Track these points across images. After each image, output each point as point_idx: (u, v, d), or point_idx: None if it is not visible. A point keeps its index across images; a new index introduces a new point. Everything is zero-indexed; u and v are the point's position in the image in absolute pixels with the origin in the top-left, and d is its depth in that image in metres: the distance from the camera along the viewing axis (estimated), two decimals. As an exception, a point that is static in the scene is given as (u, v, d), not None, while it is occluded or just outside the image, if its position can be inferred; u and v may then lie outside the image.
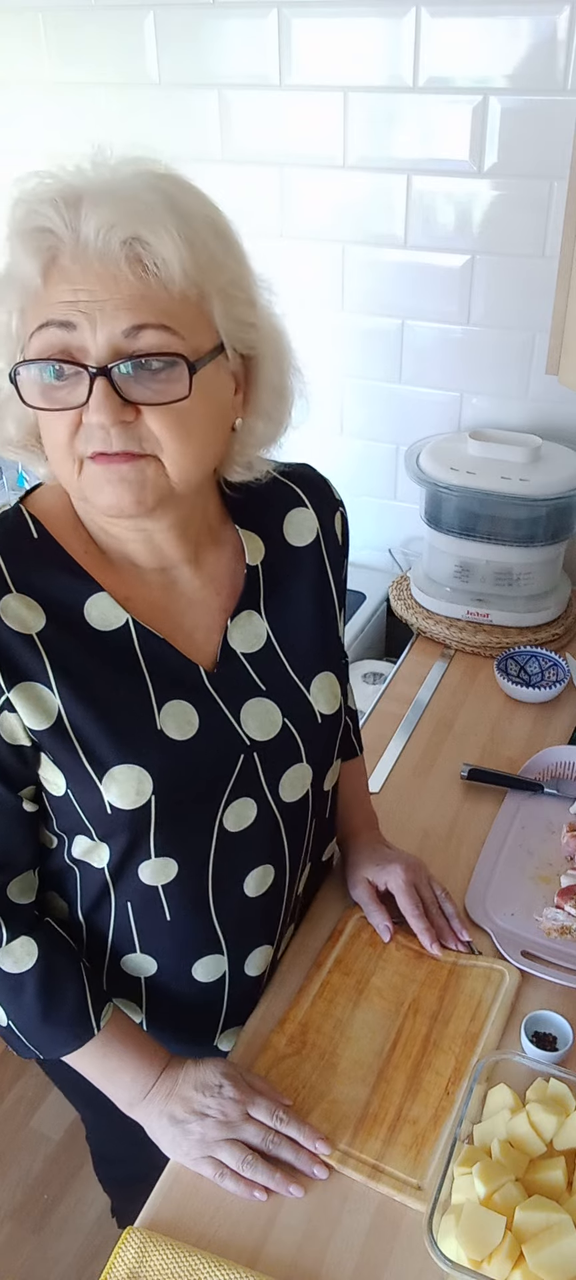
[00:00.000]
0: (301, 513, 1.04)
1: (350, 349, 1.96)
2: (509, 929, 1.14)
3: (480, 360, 1.86)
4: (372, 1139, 0.92)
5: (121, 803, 0.87)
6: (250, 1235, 0.86)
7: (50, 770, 0.88)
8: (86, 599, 0.88)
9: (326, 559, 1.04)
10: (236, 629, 0.96)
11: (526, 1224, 0.78)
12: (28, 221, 0.79)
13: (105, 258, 0.77)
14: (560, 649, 1.73)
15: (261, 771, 0.96)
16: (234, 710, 0.94)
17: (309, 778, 1.00)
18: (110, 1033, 0.94)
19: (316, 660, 1.01)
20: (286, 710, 0.97)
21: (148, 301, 0.78)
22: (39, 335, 0.79)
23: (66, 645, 0.86)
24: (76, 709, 0.86)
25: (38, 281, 0.79)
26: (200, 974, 1.00)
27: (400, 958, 1.10)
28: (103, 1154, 1.38)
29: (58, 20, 1.92)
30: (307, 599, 1.02)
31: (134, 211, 0.77)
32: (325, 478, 1.09)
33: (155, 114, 1.92)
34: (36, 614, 0.85)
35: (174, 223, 0.78)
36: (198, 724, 0.91)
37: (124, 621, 0.89)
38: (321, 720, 1.00)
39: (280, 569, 1.01)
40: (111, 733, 0.87)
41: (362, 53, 1.71)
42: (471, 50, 1.64)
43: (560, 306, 1.45)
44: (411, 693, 1.64)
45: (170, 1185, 0.90)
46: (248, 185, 1.89)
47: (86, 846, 0.92)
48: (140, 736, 0.88)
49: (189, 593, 0.95)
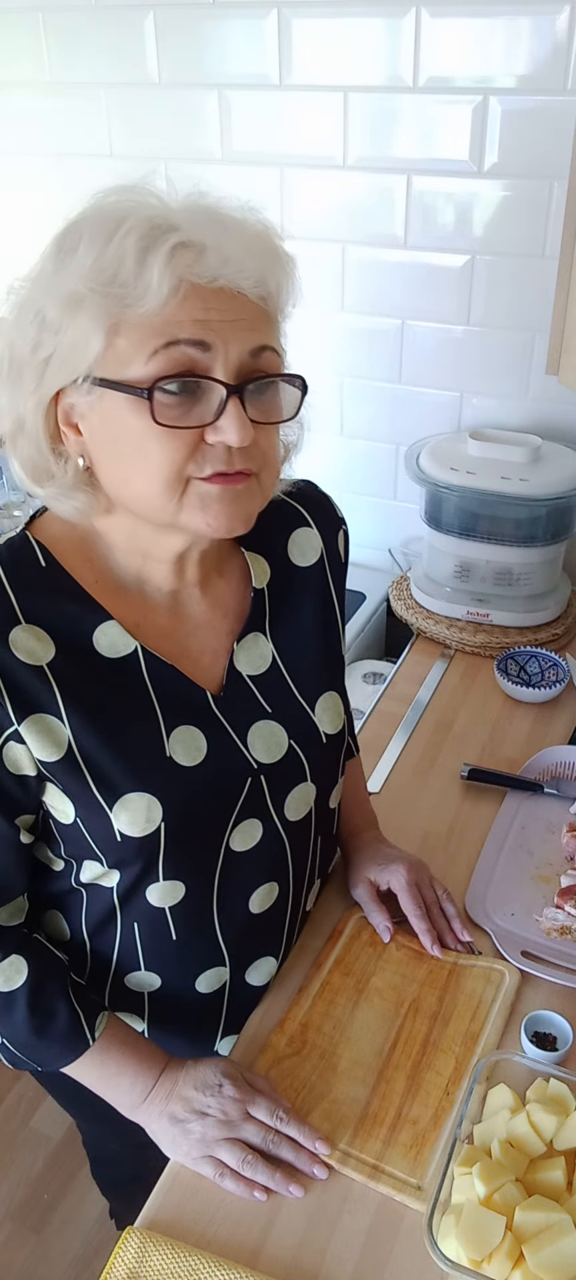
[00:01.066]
0: (306, 533, 1.04)
1: (350, 349, 1.96)
2: (509, 929, 1.14)
3: (480, 360, 1.86)
4: (372, 1139, 0.92)
5: (131, 830, 0.87)
6: (250, 1235, 0.85)
7: (59, 799, 0.87)
8: (95, 628, 0.88)
9: (330, 578, 1.05)
10: (242, 652, 0.97)
11: (526, 1224, 0.78)
12: (173, 235, 0.76)
13: (241, 278, 0.78)
14: (560, 649, 1.73)
15: (268, 793, 0.96)
16: (241, 734, 0.94)
17: (313, 795, 1.00)
18: (107, 1041, 0.94)
19: (321, 680, 1.01)
20: (292, 732, 0.97)
21: (266, 323, 0.82)
22: (165, 354, 0.77)
23: (76, 675, 0.86)
24: (87, 738, 0.85)
25: (167, 298, 0.76)
26: (203, 986, 1.01)
27: (400, 958, 1.10)
28: (99, 1158, 1.38)
29: (58, 20, 1.92)
30: (312, 619, 1.02)
31: (263, 240, 0.83)
32: (328, 495, 1.09)
33: (155, 114, 1.92)
34: (46, 644, 0.85)
35: (282, 254, 0.84)
36: (206, 749, 0.91)
37: (132, 649, 0.89)
38: (326, 740, 1.00)
39: (285, 590, 1.01)
40: (122, 761, 0.86)
41: (362, 53, 1.71)
42: (471, 50, 1.64)
43: (560, 306, 1.45)
44: (411, 693, 1.64)
45: (170, 1185, 0.90)
46: (248, 185, 1.88)
47: (97, 872, 0.92)
48: (150, 764, 0.88)
49: (196, 616, 0.95)
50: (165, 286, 0.75)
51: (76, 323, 0.77)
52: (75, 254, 0.78)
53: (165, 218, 0.77)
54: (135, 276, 0.75)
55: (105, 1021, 0.95)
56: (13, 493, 2.30)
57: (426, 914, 1.11)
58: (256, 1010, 1.05)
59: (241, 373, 0.80)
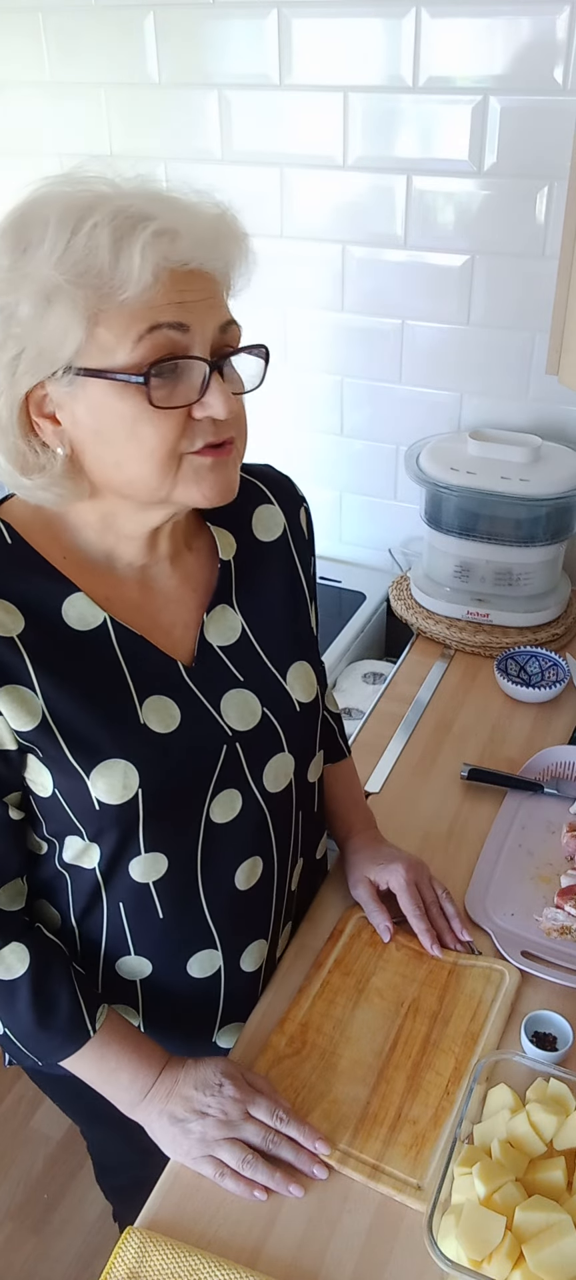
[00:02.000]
0: (268, 509, 1.06)
1: (350, 349, 1.96)
2: (509, 929, 1.14)
3: (480, 360, 1.86)
4: (372, 1139, 0.92)
5: (109, 798, 0.88)
6: (250, 1235, 0.86)
7: (37, 772, 0.88)
8: (63, 600, 0.89)
9: (294, 553, 1.07)
10: (212, 623, 0.98)
11: (526, 1224, 0.78)
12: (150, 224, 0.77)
13: (209, 258, 0.81)
14: (560, 649, 1.73)
15: (245, 762, 0.97)
16: (213, 702, 0.95)
17: (291, 767, 1.02)
18: (107, 1035, 0.94)
19: (290, 650, 1.03)
20: (265, 700, 0.99)
21: (225, 299, 0.86)
22: (149, 338, 0.79)
23: (46, 646, 0.87)
24: (60, 707, 0.86)
25: (148, 284, 0.77)
26: (195, 970, 1.00)
27: (400, 958, 1.10)
28: (104, 1164, 1.38)
29: (58, 20, 1.92)
30: (278, 591, 1.04)
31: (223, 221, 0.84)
32: (288, 475, 1.11)
33: (155, 114, 1.92)
34: (15, 617, 0.86)
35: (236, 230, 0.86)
36: (179, 717, 0.92)
37: (102, 620, 0.90)
38: (299, 708, 1.01)
39: (251, 563, 1.03)
40: (95, 728, 0.88)
41: (362, 53, 1.71)
42: (471, 50, 1.64)
43: (560, 306, 1.45)
44: (411, 693, 1.64)
45: (170, 1185, 0.90)
46: (248, 185, 1.89)
47: (78, 849, 0.92)
48: (124, 731, 0.89)
49: (166, 591, 0.96)
50: (147, 273, 0.77)
51: (52, 316, 0.78)
52: (41, 246, 0.77)
53: (132, 206, 0.79)
54: (112, 266, 0.77)
55: (105, 1014, 0.95)
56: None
57: (425, 914, 1.12)
58: (256, 1010, 1.05)
59: (215, 348, 0.84)
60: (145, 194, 0.82)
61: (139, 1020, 1.03)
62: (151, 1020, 1.03)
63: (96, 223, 0.77)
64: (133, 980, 1.01)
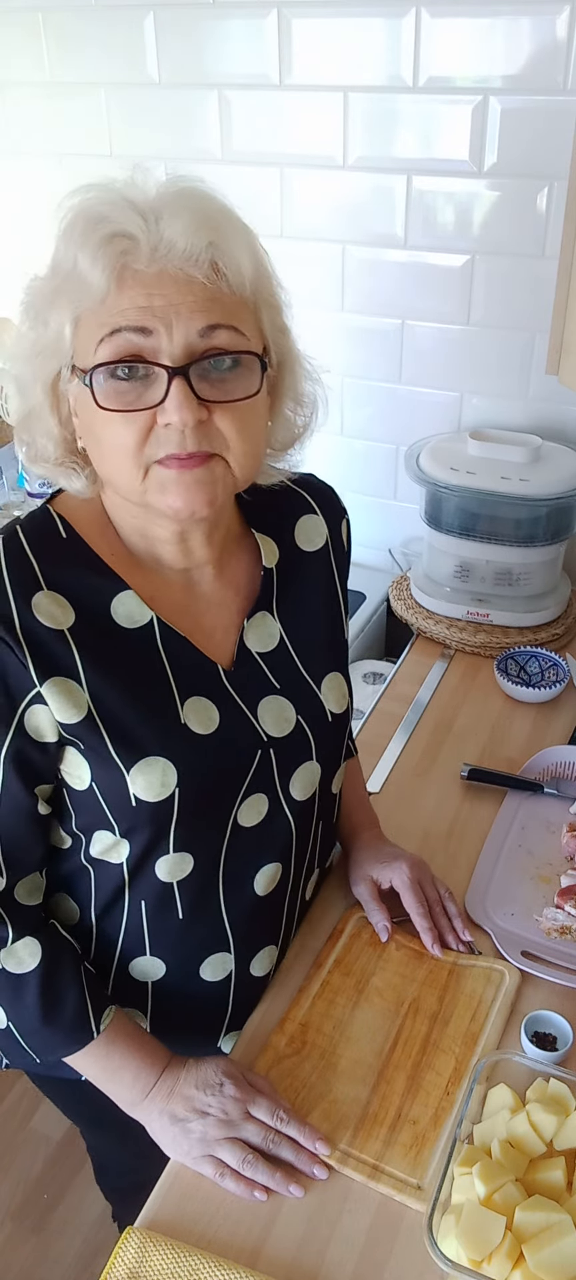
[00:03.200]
0: (312, 519, 1.06)
1: (350, 349, 1.96)
2: (509, 929, 1.14)
3: (480, 360, 1.86)
4: (372, 1139, 0.92)
5: (146, 795, 0.88)
6: (250, 1235, 0.86)
7: (76, 764, 0.88)
8: (113, 597, 0.90)
9: (334, 564, 1.07)
10: (252, 629, 0.98)
11: (526, 1224, 0.78)
12: (102, 228, 0.79)
13: (185, 261, 0.79)
14: (560, 649, 1.73)
15: (275, 768, 0.97)
16: (251, 707, 0.96)
17: (318, 776, 1.02)
18: (112, 1033, 0.94)
19: (326, 661, 1.03)
20: (300, 708, 0.99)
21: (219, 304, 0.82)
22: (109, 342, 0.80)
23: (95, 641, 0.88)
24: (105, 702, 0.87)
25: (107, 288, 0.79)
26: (207, 973, 1.01)
27: (400, 958, 1.10)
28: (103, 1166, 1.38)
29: (58, 20, 1.92)
30: (317, 602, 1.04)
31: (212, 220, 0.81)
32: (331, 486, 1.11)
33: (155, 114, 1.92)
34: (66, 611, 0.87)
35: (241, 232, 0.83)
36: (218, 720, 0.93)
37: (148, 620, 0.91)
38: (332, 719, 1.02)
39: (292, 573, 1.03)
40: (138, 725, 0.88)
41: (362, 53, 1.71)
42: (471, 50, 1.64)
43: (560, 306, 1.45)
44: (411, 693, 1.64)
45: (170, 1185, 0.90)
46: (248, 185, 1.89)
47: (107, 844, 0.92)
48: (166, 730, 0.89)
49: (209, 594, 0.97)
50: (103, 277, 0.79)
51: (53, 317, 0.83)
52: (54, 253, 0.84)
53: (92, 208, 0.81)
54: (85, 272, 0.80)
55: (112, 1015, 0.95)
56: (13, 493, 2.30)
57: (428, 912, 1.12)
58: (256, 1010, 1.05)
59: (191, 354, 0.81)
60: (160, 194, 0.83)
61: (146, 1023, 1.03)
62: (158, 1024, 1.03)
63: (71, 224, 0.81)
64: (144, 982, 1.00)
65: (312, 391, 0.97)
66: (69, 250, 0.81)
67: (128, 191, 0.83)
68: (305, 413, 0.97)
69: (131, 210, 0.80)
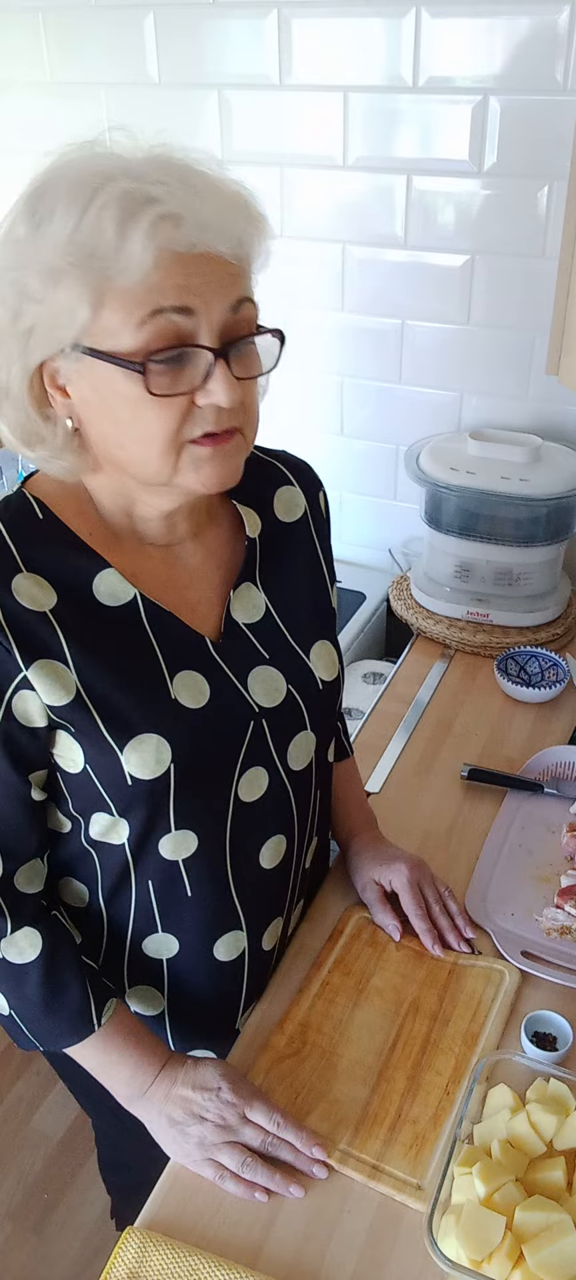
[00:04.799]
0: (289, 490, 1.07)
1: (350, 349, 1.95)
2: (509, 929, 1.14)
3: (480, 360, 1.86)
4: (372, 1139, 0.92)
5: (142, 773, 0.88)
6: (250, 1235, 0.86)
7: (68, 747, 0.88)
8: (95, 575, 0.89)
9: (314, 534, 1.07)
10: (237, 600, 0.98)
11: (526, 1224, 0.78)
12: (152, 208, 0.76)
13: (217, 241, 0.78)
14: (560, 649, 1.73)
15: (271, 739, 0.97)
16: (241, 678, 0.96)
17: (313, 745, 1.02)
18: (112, 1028, 0.94)
19: (313, 629, 1.03)
20: (289, 677, 0.99)
21: (240, 277, 0.82)
22: (151, 323, 0.77)
23: (79, 621, 0.87)
24: (94, 682, 0.87)
25: (151, 268, 0.76)
26: (221, 953, 1.01)
27: (400, 958, 1.10)
28: (110, 1160, 1.38)
29: (58, 20, 1.92)
30: (300, 571, 1.05)
31: (239, 198, 0.82)
32: (305, 460, 1.11)
33: (155, 114, 1.92)
34: (47, 592, 0.86)
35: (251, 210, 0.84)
36: (209, 693, 0.92)
37: (132, 596, 0.90)
38: (322, 686, 1.02)
39: (273, 543, 1.03)
40: (130, 703, 0.88)
41: (362, 53, 1.71)
42: (471, 50, 1.64)
43: (560, 306, 1.45)
44: (411, 693, 1.64)
45: (170, 1185, 0.90)
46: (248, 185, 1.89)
47: (105, 825, 0.92)
48: (157, 706, 0.89)
49: (191, 567, 0.96)
50: (148, 258, 0.75)
51: (59, 294, 0.78)
52: (51, 222, 0.77)
53: (140, 186, 0.77)
54: (116, 249, 0.76)
55: (113, 1009, 0.95)
56: (13, 493, 2.30)
57: (427, 913, 1.12)
58: (256, 1010, 1.05)
59: (224, 331, 0.80)
60: (160, 166, 0.80)
61: (163, 1006, 1.03)
62: (176, 1005, 1.03)
63: (104, 203, 0.76)
64: (159, 959, 1.00)
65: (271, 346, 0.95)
66: (102, 224, 0.75)
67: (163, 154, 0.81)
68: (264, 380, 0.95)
69: (182, 190, 0.77)
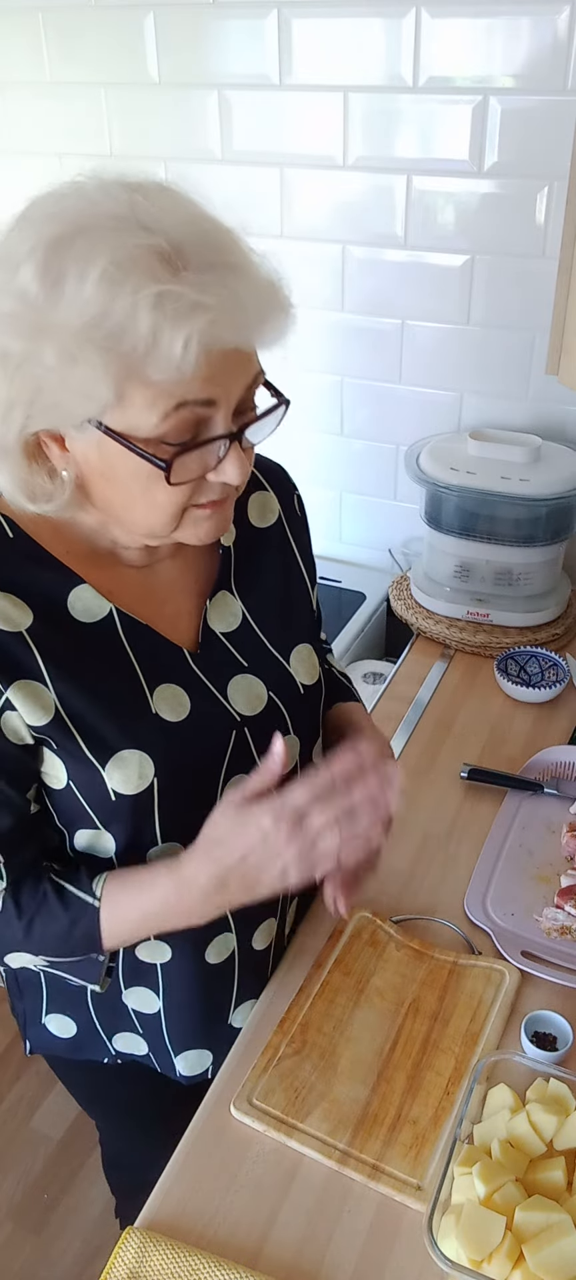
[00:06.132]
0: (263, 495, 1.07)
1: (350, 349, 1.96)
2: (509, 929, 1.14)
3: (480, 360, 1.86)
4: (372, 1139, 0.92)
5: (125, 788, 0.88)
6: (250, 1235, 0.86)
7: (52, 765, 0.88)
8: (69, 592, 0.89)
9: (291, 538, 1.07)
10: (214, 609, 0.99)
11: (526, 1224, 0.78)
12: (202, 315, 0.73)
13: (250, 339, 0.79)
14: (560, 649, 1.73)
15: (253, 747, 0.97)
16: (220, 688, 0.96)
17: (297, 749, 1.02)
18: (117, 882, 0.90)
19: (292, 633, 1.03)
20: (270, 684, 0.99)
21: (256, 355, 0.82)
22: (175, 415, 0.76)
23: (55, 639, 0.87)
24: (73, 700, 0.86)
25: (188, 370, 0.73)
26: (212, 956, 1.01)
27: (400, 958, 1.10)
28: (115, 1160, 1.37)
29: (58, 20, 1.92)
30: (276, 576, 1.05)
31: (269, 283, 0.80)
32: (278, 463, 1.11)
33: (155, 114, 1.92)
34: (23, 611, 0.86)
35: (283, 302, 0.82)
36: (189, 705, 0.92)
37: (107, 612, 0.90)
38: (304, 691, 1.02)
39: (248, 550, 1.03)
40: (110, 720, 0.88)
41: (362, 53, 1.71)
42: (471, 50, 1.64)
43: (560, 306, 1.45)
44: (411, 693, 1.64)
45: (170, 1185, 0.90)
46: (248, 185, 1.89)
47: (89, 837, 0.92)
48: (138, 721, 0.89)
49: (168, 580, 0.97)
50: (190, 359, 0.73)
51: (77, 371, 0.73)
52: (73, 288, 0.72)
53: (184, 294, 0.72)
54: (152, 344, 0.72)
55: (104, 879, 0.90)
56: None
57: None
58: (256, 1010, 1.05)
59: (240, 405, 0.82)
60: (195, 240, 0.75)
61: (159, 1004, 1.03)
62: (170, 1002, 1.03)
63: (138, 291, 0.71)
64: (153, 964, 1.01)
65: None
66: (138, 314, 0.71)
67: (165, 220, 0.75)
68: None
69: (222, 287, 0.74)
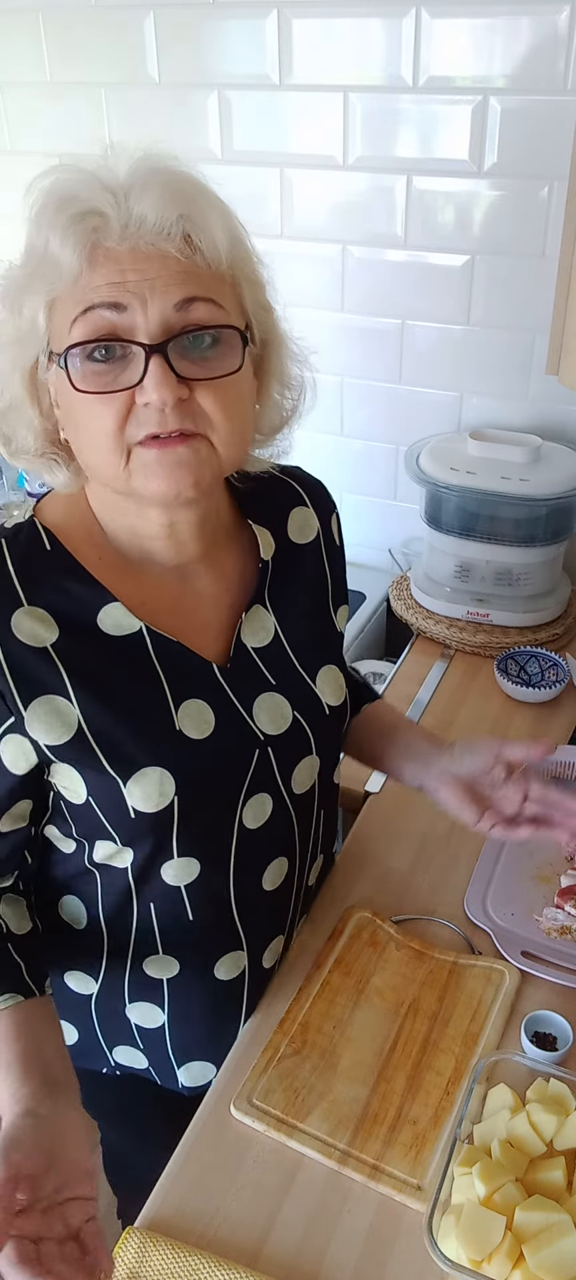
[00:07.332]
0: (303, 511, 1.05)
1: (350, 349, 1.96)
2: (509, 929, 1.14)
3: (480, 360, 1.86)
4: (372, 1139, 0.92)
5: (145, 806, 0.87)
6: (250, 1235, 0.85)
7: (69, 779, 0.87)
8: (99, 609, 0.88)
9: (325, 559, 1.06)
10: (247, 623, 0.97)
11: (526, 1224, 0.78)
12: (71, 207, 0.78)
13: (157, 236, 0.78)
14: (560, 649, 1.73)
15: (276, 766, 0.96)
16: (246, 706, 0.94)
17: (317, 768, 1.01)
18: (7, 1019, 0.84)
19: (320, 654, 1.02)
20: (295, 704, 0.98)
21: (196, 277, 0.79)
22: (83, 320, 0.78)
23: (81, 654, 0.86)
24: (96, 716, 0.85)
25: (79, 267, 0.78)
26: (222, 973, 1.00)
27: (400, 958, 1.10)
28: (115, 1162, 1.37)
29: (58, 20, 1.92)
30: (310, 594, 1.03)
31: (183, 193, 0.79)
32: (320, 480, 1.10)
33: (155, 114, 1.92)
34: (49, 627, 0.85)
35: (217, 205, 0.81)
36: (214, 722, 0.91)
37: (137, 629, 0.89)
38: (329, 712, 1.01)
39: (285, 565, 1.02)
40: (132, 736, 0.87)
41: (362, 53, 1.71)
42: (471, 50, 1.64)
43: (560, 306, 1.45)
44: (411, 693, 1.64)
45: (170, 1185, 0.90)
46: (248, 185, 1.89)
47: (109, 851, 0.92)
48: (160, 738, 0.88)
49: (201, 590, 0.95)
50: (74, 255, 0.77)
51: (28, 303, 0.81)
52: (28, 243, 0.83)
53: (62, 187, 0.80)
54: (56, 252, 0.78)
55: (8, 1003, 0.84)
56: (13, 493, 2.30)
57: None
58: (256, 1010, 1.05)
59: (169, 330, 0.78)
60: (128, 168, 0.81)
61: (163, 1019, 1.02)
62: (176, 1021, 1.02)
63: (50, 210, 0.79)
64: (159, 979, 1.00)
65: (300, 374, 0.94)
66: (41, 233, 0.79)
67: (98, 170, 0.81)
68: (292, 396, 0.95)
69: (101, 188, 0.79)
